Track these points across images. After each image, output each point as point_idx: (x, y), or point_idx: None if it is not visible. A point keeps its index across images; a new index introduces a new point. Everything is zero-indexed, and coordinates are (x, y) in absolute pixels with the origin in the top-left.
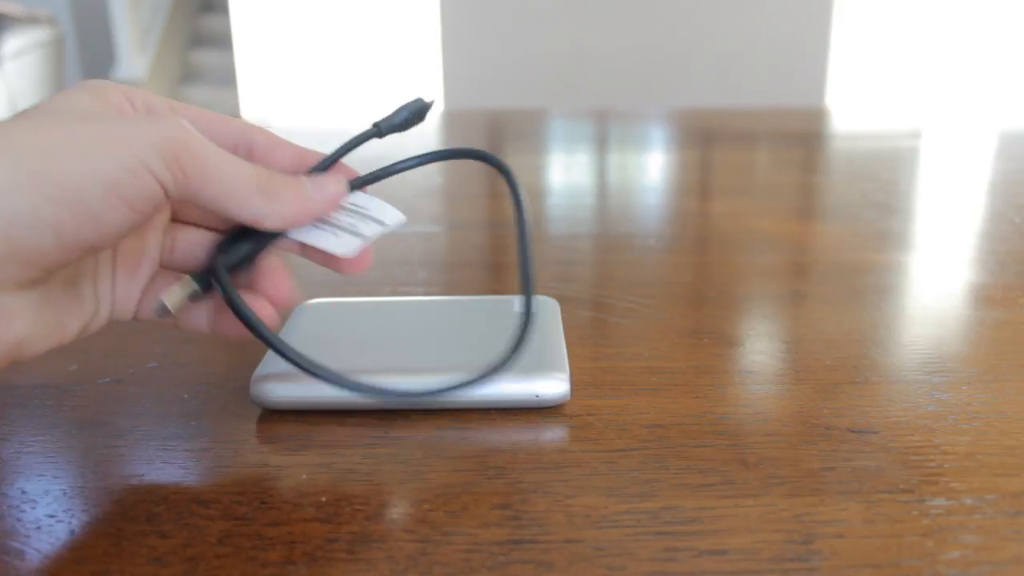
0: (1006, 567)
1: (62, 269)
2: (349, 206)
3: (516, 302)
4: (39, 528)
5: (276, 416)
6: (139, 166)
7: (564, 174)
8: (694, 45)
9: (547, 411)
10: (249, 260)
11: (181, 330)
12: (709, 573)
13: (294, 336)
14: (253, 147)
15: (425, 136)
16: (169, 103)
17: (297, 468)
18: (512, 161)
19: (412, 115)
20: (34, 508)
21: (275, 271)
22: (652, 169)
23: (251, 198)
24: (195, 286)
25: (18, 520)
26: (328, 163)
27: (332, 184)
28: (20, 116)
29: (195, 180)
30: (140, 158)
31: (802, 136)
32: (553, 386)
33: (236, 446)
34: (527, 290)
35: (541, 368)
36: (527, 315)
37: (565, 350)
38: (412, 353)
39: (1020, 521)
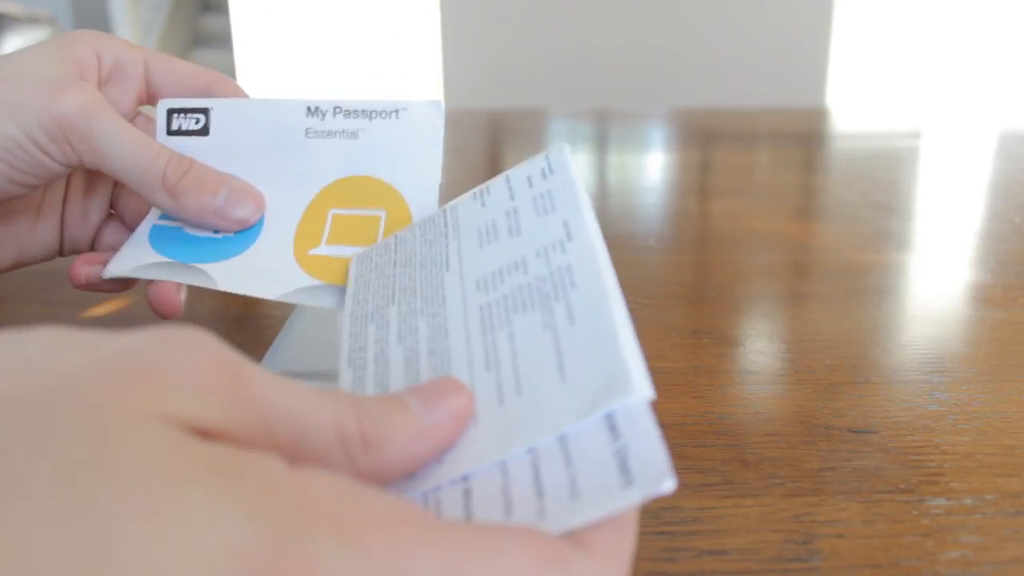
0: (1006, 567)
1: None
2: None
3: None
4: None
5: None
6: (23, 138)
7: None
8: (694, 45)
9: None
10: None
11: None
12: (709, 573)
13: (294, 335)
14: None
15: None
16: (144, 55)
17: None
18: (512, 161)
19: None
20: None
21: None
22: (652, 169)
23: (153, 191)
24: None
25: None
26: None
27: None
28: None
29: (88, 156)
30: (25, 130)
31: (802, 136)
32: None
33: None
34: None
35: None
36: None
37: None
38: None
39: (1020, 521)
